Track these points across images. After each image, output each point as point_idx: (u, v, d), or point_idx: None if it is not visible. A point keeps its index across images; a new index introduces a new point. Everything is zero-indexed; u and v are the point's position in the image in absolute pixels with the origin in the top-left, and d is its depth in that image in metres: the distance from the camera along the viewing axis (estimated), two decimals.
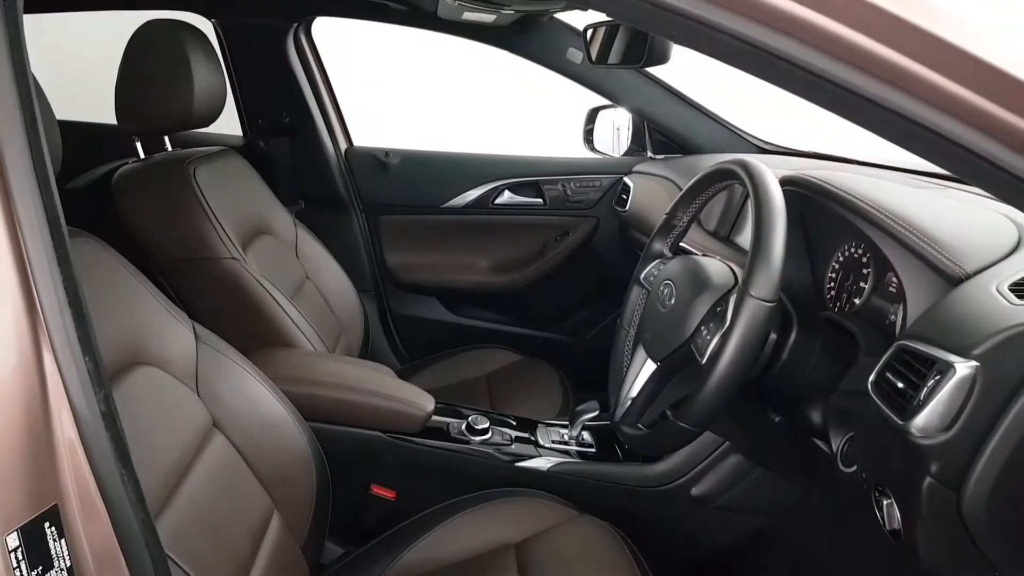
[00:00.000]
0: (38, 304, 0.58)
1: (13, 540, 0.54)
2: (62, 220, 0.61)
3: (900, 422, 0.75)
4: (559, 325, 2.32)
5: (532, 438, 1.49)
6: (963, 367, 0.72)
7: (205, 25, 1.94)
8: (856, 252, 1.10)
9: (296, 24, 2.04)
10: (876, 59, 0.57)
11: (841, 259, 1.14)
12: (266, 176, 1.89)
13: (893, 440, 0.79)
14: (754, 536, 1.39)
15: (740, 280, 0.91)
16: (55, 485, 0.59)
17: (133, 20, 1.56)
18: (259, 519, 1.13)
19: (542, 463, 1.42)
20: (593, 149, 2.26)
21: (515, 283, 2.26)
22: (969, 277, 0.84)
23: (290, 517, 1.19)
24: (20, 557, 0.54)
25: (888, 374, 0.81)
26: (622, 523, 1.28)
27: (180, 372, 1.10)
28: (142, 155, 1.59)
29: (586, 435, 1.51)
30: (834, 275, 1.16)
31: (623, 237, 2.13)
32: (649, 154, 2.16)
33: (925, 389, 0.74)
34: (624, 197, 2.08)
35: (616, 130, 2.27)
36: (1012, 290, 0.79)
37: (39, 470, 0.57)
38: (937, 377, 0.74)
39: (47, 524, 0.57)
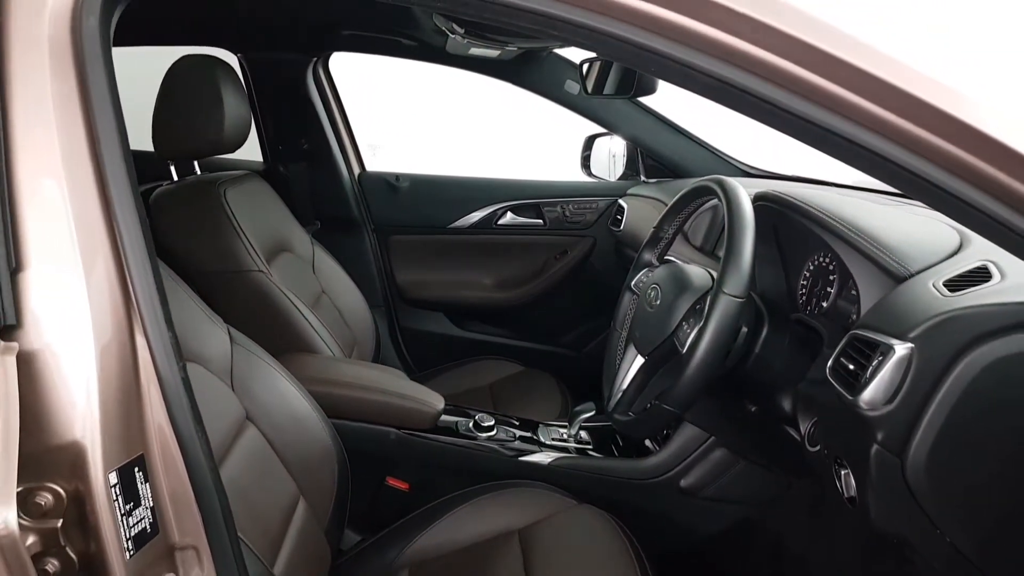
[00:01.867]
0: (132, 291, 0.71)
1: (113, 478, 0.66)
2: (146, 222, 0.74)
3: (851, 398, 0.87)
4: (559, 338, 2.44)
5: (534, 436, 1.61)
6: (901, 348, 0.84)
7: (231, 59, 2.10)
8: (824, 261, 1.23)
9: (315, 59, 2.20)
10: (815, 87, 0.70)
11: (811, 268, 1.27)
12: (285, 198, 2.03)
13: (847, 415, 0.91)
14: (738, 525, 1.50)
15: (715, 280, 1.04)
16: (143, 438, 0.71)
17: (160, 54, 1.70)
18: (288, 502, 1.23)
19: (543, 458, 1.54)
20: (590, 174, 2.41)
21: (517, 299, 2.39)
22: (912, 276, 0.97)
23: (314, 503, 1.30)
24: (118, 492, 0.67)
25: (842, 359, 0.93)
26: (617, 513, 1.38)
27: (217, 369, 1.22)
28: (175, 177, 1.73)
29: (583, 434, 1.63)
30: (805, 282, 1.29)
31: (618, 255, 2.27)
32: (642, 178, 2.31)
33: (871, 368, 0.87)
34: (619, 217, 2.22)
35: (611, 156, 2.42)
36: (946, 285, 0.92)
37: (131, 425, 0.70)
38: (880, 358, 0.86)
39: (136, 469, 0.70)
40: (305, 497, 1.28)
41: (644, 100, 2.22)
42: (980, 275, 0.92)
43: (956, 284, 0.91)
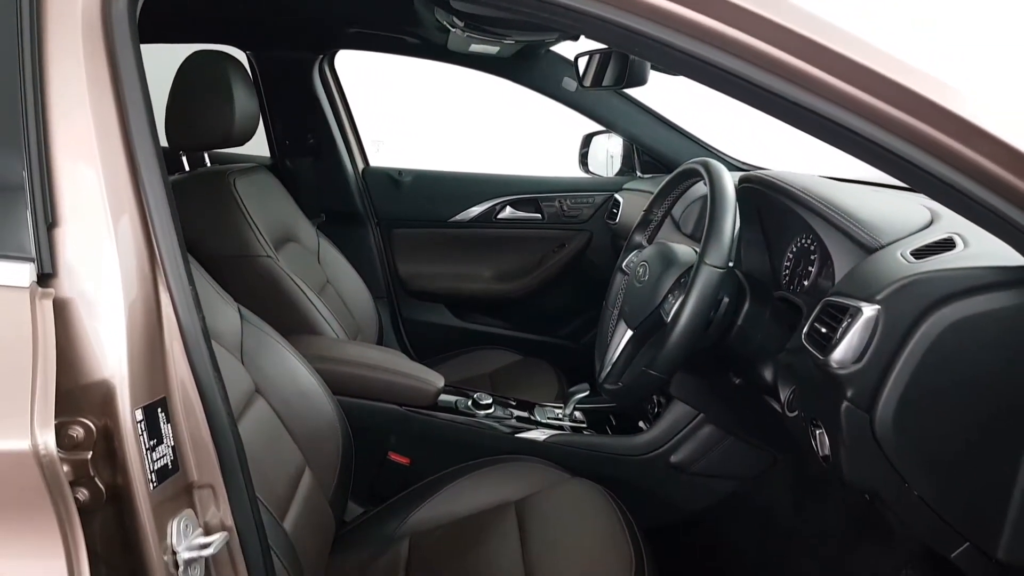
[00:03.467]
0: (156, 249, 0.78)
1: (139, 414, 0.73)
2: (170, 189, 0.81)
3: (822, 358, 0.93)
4: (556, 329, 2.50)
5: (530, 416, 1.67)
6: (869, 309, 0.89)
7: (240, 56, 2.17)
8: (805, 243, 1.30)
9: (321, 56, 2.28)
10: (800, 72, 0.77)
11: (794, 250, 1.34)
12: (292, 192, 2.10)
13: (820, 377, 0.97)
14: (726, 499, 1.56)
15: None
16: (165, 383, 0.77)
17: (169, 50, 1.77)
18: (294, 471, 1.29)
19: (539, 435, 1.60)
20: (587, 171, 2.48)
21: (516, 291, 2.46)
22: (883, 247, 1.03)
23: (319, 474, 1.35)
24: (143, 428, 0.73)
25: (816, 324, 1.00)
26: (609, 487, 1.43)
27: (228, 344, 1.28)
28: (187, 168, 1.80)
29: (578, 413, 1.69)
30: (788, 264, 1.35)
31: (614, 248, 2.33)
32: (638, 173, 2.38)
33: (840, 330, 0.93)
34: (615, 211, 2.28)
35: (608, 153, 2.49)
36: (912, 254, 0.98)
37: (155, 370, 0.76)
38: (849, 320, 0.92)
39: (159, 410, 0.76)
40: (311, 467, 1.34)
41: (640, 98, 2.29)
42: (945, 245, 0.98)
43: (922, 253, 0.97)
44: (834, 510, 1.55)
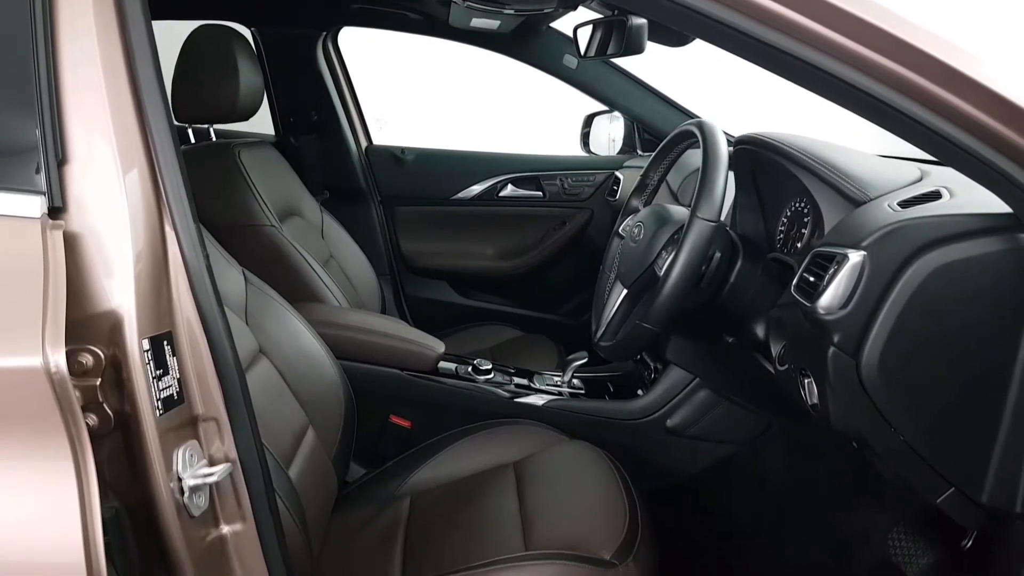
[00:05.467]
0: (162, 187, 0.80)
1: (146, 344, 0.75)
2: (175, 130, 0.83)
3: (809, 305, 0.95)
4: (557, 307, 2.53)
5: (529, 383, 1.70)
6: (855, 256, 0.91)
7: (244, 33, 2.19)
8: (800, 206, 1.32)
9: (325, 33, 2.30)
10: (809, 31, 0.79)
11: (788, 213, 1.35)
12: (296, 168, 2.13)
13: (808, 326, 0.99)
14: (721, 463, 1.58)
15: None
16: (171, 317, 0.80)
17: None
18: (298, 429, 1.31)
19: (537, 400, 1.63)
20: (588, 151, 2.51)
21: (517, 268, 2.48)
22: (870, 200, 1.06)
23: (322, 434, 1.38)
24: (150, 358, 0.76)
25: (804, 274, 1.01)
26: (607, 451, 1.46)
27: (233, 305, 1.31)
28: (193, 141, 1.83)
29: (576, 381, 1.71)
30: (782, 227, 1.37)
31: (614, 225, 2.35)
32: (639, 152, 2.40)
33: (827, 277, 0.95)
34: (615, 188, 2.30)
35: (610, 134, 2.51)
36: (899, 204, 1.00)
37: (161, 303, 0.79)
38: (836, 266, 0.93)
39: (165, 342, 0.79)
40: (314, 427, 1.36)
41: (641, 76, 2.31)
42: (932, 197, 1.00)
43: (908, 203, 0.99)
44: (827, 473, 1.58)
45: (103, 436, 0.74)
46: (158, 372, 0.77)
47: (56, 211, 0.74)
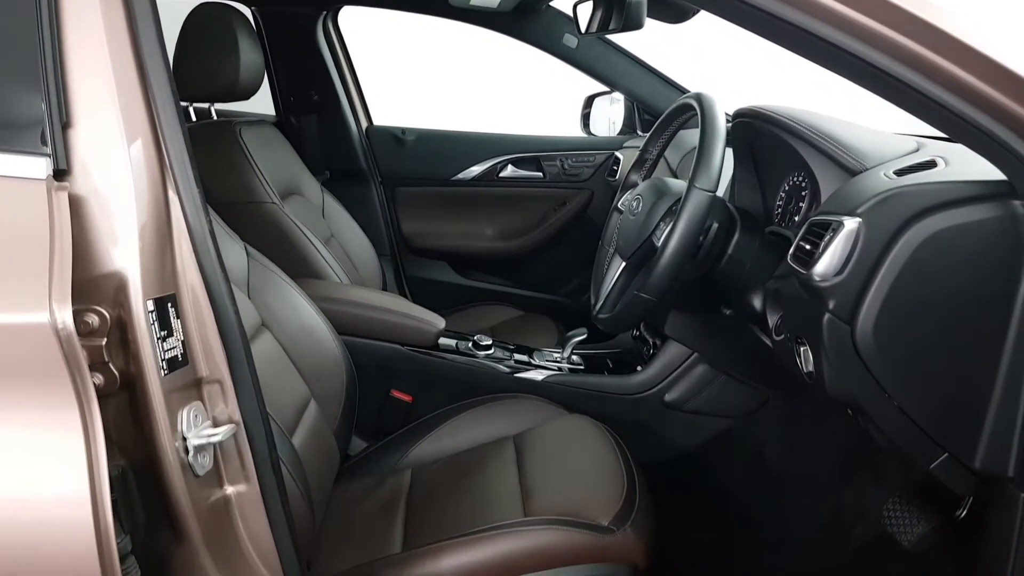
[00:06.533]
0: (165, 153, 0.81)
1: (150, 305, 0.77)
2: (178, 96, 0.84)
3: (805, 272, 0.96)
4: (557, 287, 2.54)
5: (529, 360, 1.71)
6: (850, 222, 0.92)
7: (245, 12, 2.19)
8: (798, 180, 1.32)
9: (325, 12, 2.30)
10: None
11: (786, 188, 1.36)
12: (296, 149, 2.13)
13: (804, 293, 1.00)
14: (719, 437, 1.60)
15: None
16: (175, 280, 0.81)
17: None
18: (301, 401, 1.33)
19: (537, 375, 1.64)
20: (589, 132, 2.51)
21: (517, 248, 2.49)
22: (867, 170, 1.06)
23: (324, 407, 1.39)
24: (154, 319, 0.77)
25: (801, 243, 1.02)
26: (606, 426, 1.48)
27: (235, 279, 1.31)
28: (194, 118, 1.84)
29: (575, 356, 1.73)
30: (780, 202, 1.37)
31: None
32: (639, 132, 2.40)
33: (823, 244, 0.95)
34: (615, 168, 2.31)
35: (610, 117, 2.51)
36: (895, 173, 1.01)
37: (165, 266, 0.80)
38: (831, 234, 0.94)
39: (169, 304, 0.80)
40: (316, 400, 1.38)
41: (641, 55, 2.31)
42: (927, 166, 1.01)
43: (904, 172, 1.00)
44: (823, 447, 1.59)
45: (109, 395, 0.75)
46: (162, 333, 0.78)
47: (61, 174, 0.75)
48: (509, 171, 2.49)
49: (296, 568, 0.90)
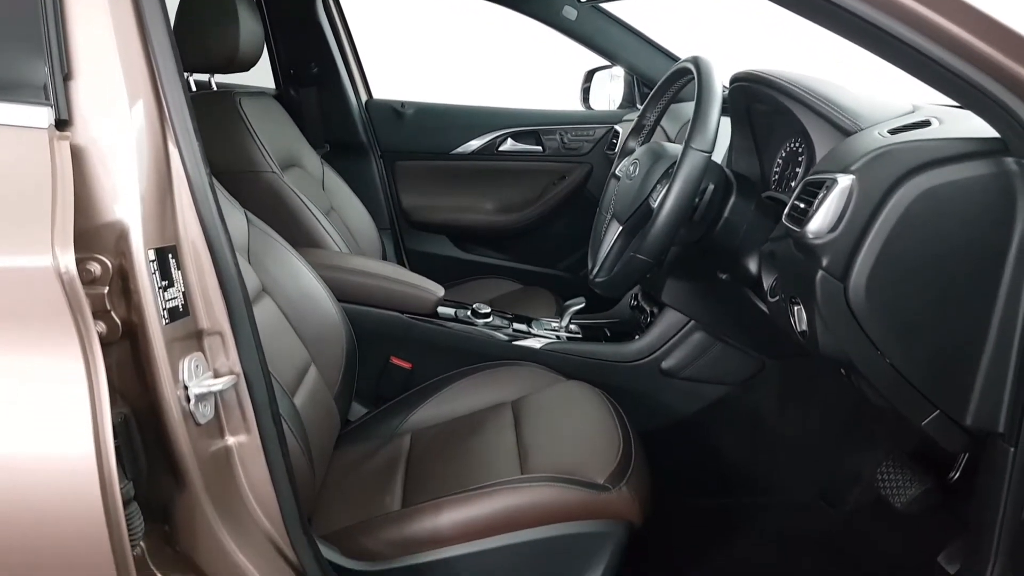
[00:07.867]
0: (165, 106, 0.82)
1: (151, 255, 0.78)
2: (177, 50, 0.84)
3: (799, 230, 0.97)
4: (556, 261, 2.55)
5: (528, 328, 1.72)
6: (844, 179, 0.92)
7: None
8: (794, 146, 1.33)
9: None
10: None
11: (783, 154, 1.37)
12: (296, 122, 2.13)
13: (798, 252, 1.01)
14: (716, 404, 1.61)
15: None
16: (175, 232, 0.82)
17: None
18: (301, 364, 1.34)
19: (535, 343, 1.65)
20: (589, 107, 2.51)
21: (517, 222, 2.50)
22: (861, 130, 1.07)
23: (324, 373, 1.40)
24: (155, 268, 0.78)
25: (796, 202, 1.03)
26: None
27: (236, 245, 1.32)
28: (194, 89, 1.84)
29: (573, 326, 1.74)
30: (777, 168, 1.38)
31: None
32: (638, 106, 2.40)
33: (816, 202, 0.96)
34: (614, 141, 2.31)
35: (609, 92, 2.51)
36: (889, 131, 1.01)
37: (165, 217, 0.81)
38: (825, 191, 0.95)
39: (170, 255, 0.81)
40: (316, 365, 1.39)
41: (642, 28, 2.31)
42: (921, 125, 1.02)
43: (898, 131, 1.00)
44: (818, 413, 1.61)
45: (112, 344, 0.77)
46: (163, 283, 0.79)
47: (63, 124, 0.76)
48: (508, 145, 2.49)
49: (296, 518, 0.91)
